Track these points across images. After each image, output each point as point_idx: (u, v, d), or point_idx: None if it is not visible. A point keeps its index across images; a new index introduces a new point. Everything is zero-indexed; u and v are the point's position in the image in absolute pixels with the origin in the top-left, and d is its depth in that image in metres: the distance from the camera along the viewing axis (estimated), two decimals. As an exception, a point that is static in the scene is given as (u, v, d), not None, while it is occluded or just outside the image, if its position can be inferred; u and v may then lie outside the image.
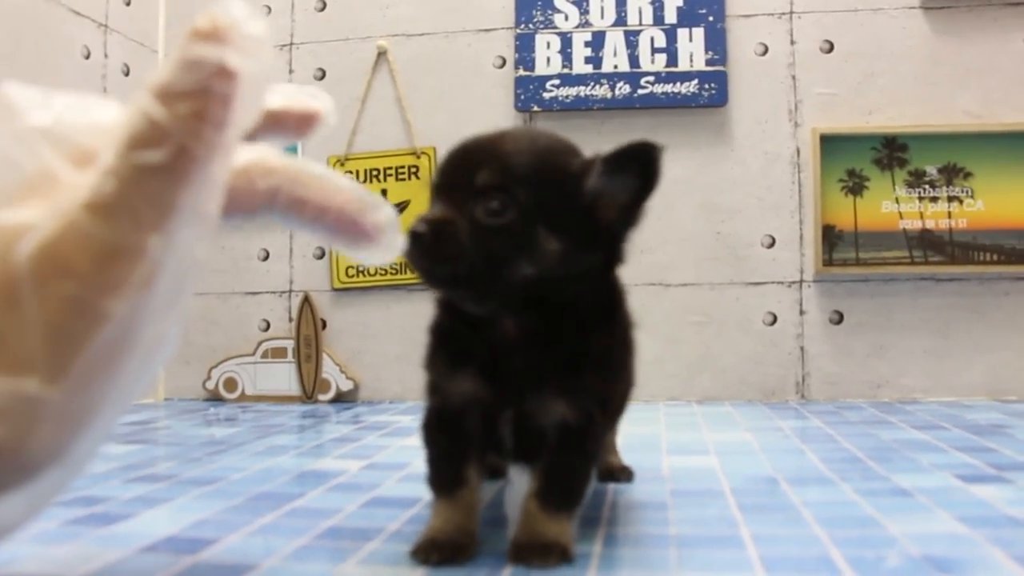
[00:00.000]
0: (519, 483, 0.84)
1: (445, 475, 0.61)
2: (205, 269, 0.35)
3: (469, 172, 0.57)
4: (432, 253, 0.55)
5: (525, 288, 0.57)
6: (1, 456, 0.30)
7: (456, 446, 0.61)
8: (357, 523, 0.70)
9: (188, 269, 0.33)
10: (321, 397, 1.70)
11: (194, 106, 0.31)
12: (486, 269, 0.56)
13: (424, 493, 0.79)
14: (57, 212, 0.30)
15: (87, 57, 1.56)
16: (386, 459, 1.01)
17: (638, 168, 0.58)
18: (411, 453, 1.04)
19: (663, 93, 1.63)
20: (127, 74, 1.67)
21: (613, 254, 0.61)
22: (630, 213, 0.59)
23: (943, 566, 0.56)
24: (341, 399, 1.70)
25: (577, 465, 0.61)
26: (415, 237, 0.55)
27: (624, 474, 0.86)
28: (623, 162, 0.58)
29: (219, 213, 0.35)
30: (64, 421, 0.31)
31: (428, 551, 0.57)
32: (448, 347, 0.62)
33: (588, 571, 0.56)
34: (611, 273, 0.63)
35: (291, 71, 1.76)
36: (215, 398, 1.74)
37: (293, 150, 1.50)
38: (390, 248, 0.41)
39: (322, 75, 1.77)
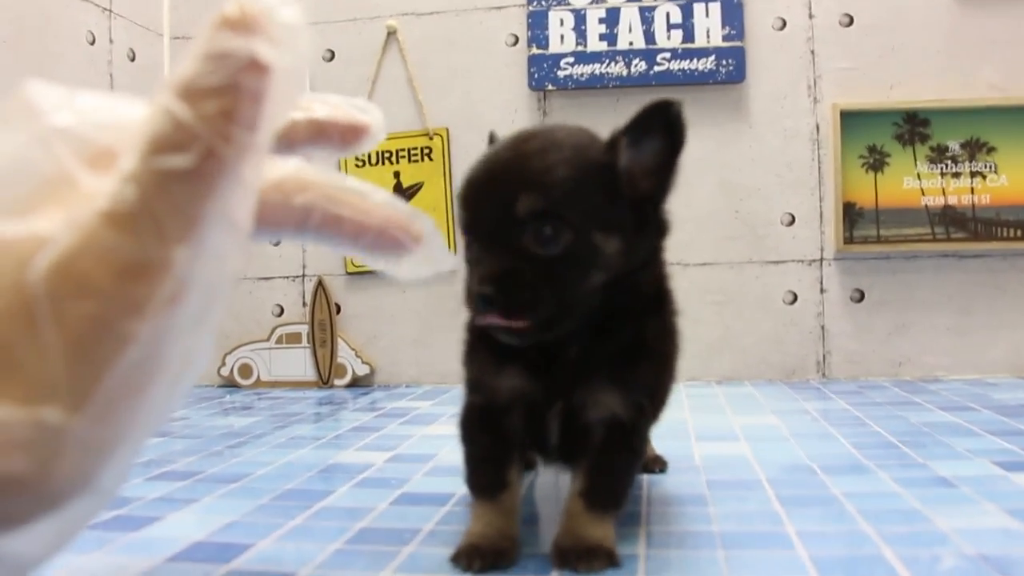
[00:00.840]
0: (546, 475, 0.83)
1: (487, 477, 0.59)
2: (238, 281, 0.32)
3: (504, 202, 0.53)
4: (510, 312, 0.52)
5: (600, 295, 0.55)
6: (25, 489, 0.28)
7: (499, 446, 0.60)
8: (391, 523, 0.68)
9: (219, 283, 0.30)
10: (337, 382, 1.68)
11: (222, 104, 0.28)
12: (564, 297, 0.53)
13: (456, 488, 0.78)
14: (75, 223, 0.27)
15: (92, 43, 1.53)
16: (410, 450, 0.99)
17: (662, 127, 0.55)
18: (435, 443, 1.03)
19: (679, 70, 1.60)
20: (133, 59, 1.63)
21: (659, 226, 0.59)
22: (664, 176, 0.57)
23: (1002, 567, 0.54)
24: (357, 384, 1.69)
25: (624, 464, 0.59)
26: (484, 300, 0.52)
27: (658, 464, 0.85)
28: (646, 125, 0.55)
29: (251, 222, 0.32)
30: (89, 450, 0.28)
31: (471, 557, 0.55)
32: (491, 342, 0.58)
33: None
34: (660, 249, 0.61)
35: (299, 52, 1.73)
36: (230, 384, 1.73)
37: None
38: (434, 261, 0.38)
39: (331, 56, 1.74)
